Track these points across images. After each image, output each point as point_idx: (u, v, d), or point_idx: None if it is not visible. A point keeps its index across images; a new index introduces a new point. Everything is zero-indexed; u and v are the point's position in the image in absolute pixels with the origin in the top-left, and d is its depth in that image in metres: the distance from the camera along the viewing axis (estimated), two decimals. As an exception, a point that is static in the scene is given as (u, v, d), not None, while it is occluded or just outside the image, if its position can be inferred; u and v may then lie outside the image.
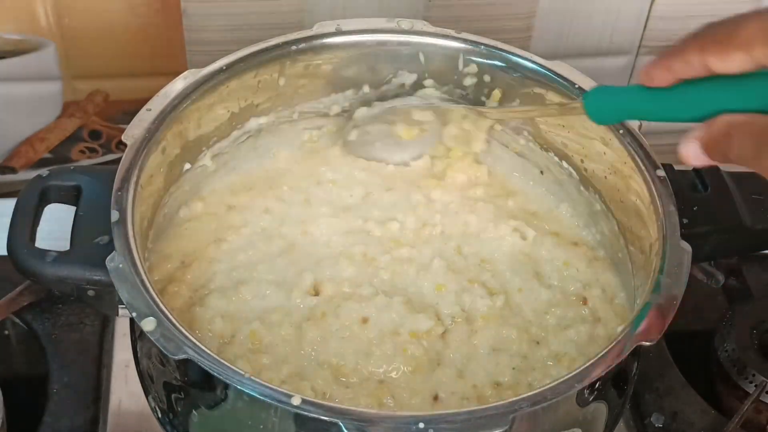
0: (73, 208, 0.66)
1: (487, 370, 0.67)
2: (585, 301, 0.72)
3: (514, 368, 0.67)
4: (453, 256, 0.74)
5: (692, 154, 0.53)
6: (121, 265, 0.59)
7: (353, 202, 0.78)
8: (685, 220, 0.66)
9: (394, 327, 0.68)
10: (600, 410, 0.63)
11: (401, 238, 0.75)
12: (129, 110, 0.93)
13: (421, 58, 0.77)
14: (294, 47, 0.74)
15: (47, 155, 0.99)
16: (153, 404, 0.66)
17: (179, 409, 0.63)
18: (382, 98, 0.79)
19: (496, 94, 0.77)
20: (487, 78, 0.77)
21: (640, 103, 0.57)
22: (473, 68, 0.77)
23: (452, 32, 0.76)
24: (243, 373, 0.54)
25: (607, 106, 0.61)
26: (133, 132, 0.66)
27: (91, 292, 0.62)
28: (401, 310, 0.69)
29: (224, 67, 0.71)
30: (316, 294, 0.70)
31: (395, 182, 0.80)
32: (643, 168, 0.68)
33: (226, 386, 0.56)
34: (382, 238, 0.75)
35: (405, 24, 0.76)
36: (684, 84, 0.54)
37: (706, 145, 0.52)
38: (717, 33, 0.51)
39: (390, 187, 0.79)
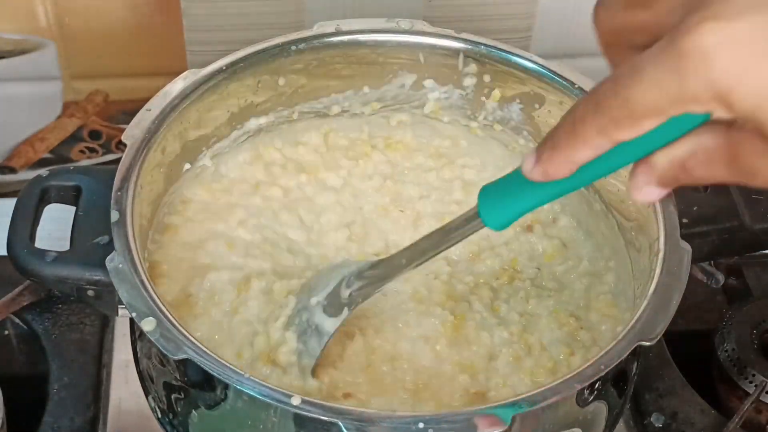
0: (73, 208, 0.66)
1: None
2: None
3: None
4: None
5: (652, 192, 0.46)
6: (121, 265, 0.58)
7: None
8: (685, 220, 0.66)
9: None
10: (600, 410, 0.63)
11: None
12: (129, 110, 0.94)
13: (421, 58, 0.77)
14: (294, 47, 0.74)
15: (47, 155, 0.98)
16: (153, 404, 0.66)
17: (179, 409, 0.63)
18: (381, 98, 0.80)
19: (496, 94, 0.77)
20: (487, 78, 0.77)
21: (539, 195, 0.50)
22: (473, 68, 0.76)
23: (452, 32, 0.76)
24: (243, 373, 0.54)
25: (505, 212, 0.52)
26: (133, 132, 0.66)
27: (91, 292, 0.62)
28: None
29: (224, 67, 0.71)
30: None
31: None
32: (643, 168, 0.68)
33: (226, 386, 0.56)
34: None
35: (405, 24, 0.76)
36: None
37: (663, 181, 0.46)
38: (612, 107, 0.43)
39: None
